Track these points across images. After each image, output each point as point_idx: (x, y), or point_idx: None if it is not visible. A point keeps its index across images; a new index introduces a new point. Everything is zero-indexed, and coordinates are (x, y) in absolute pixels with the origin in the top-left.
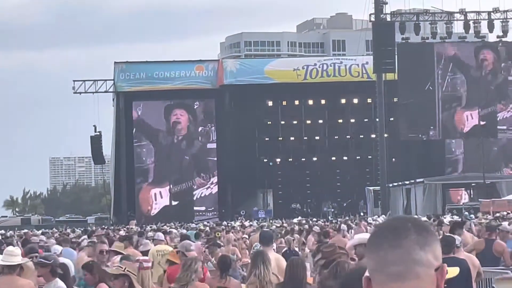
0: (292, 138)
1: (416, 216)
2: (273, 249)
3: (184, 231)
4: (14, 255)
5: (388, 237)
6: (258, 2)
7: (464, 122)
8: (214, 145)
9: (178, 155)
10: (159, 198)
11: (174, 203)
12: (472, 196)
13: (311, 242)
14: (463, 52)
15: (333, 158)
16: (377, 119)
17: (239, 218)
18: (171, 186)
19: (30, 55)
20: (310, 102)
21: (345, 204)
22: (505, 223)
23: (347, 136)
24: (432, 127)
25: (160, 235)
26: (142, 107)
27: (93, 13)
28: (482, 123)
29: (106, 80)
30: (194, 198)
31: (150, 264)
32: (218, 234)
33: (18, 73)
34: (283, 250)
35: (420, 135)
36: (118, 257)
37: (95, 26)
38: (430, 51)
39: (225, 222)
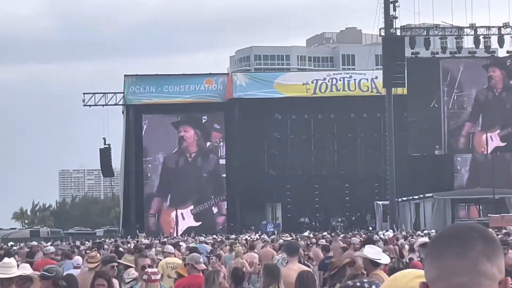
0: (301, 152)
1: (480, 225)
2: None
3: (193, 244)
4: (10, 267)
5: (453, 246)
6: (268, 16)
7: (483, 144)
8: (223, 160)
9: (194, 174)
10: (181, 219)
11: (196, 223)
12: (481, 211)
13: (317, 255)
14: (471, 70)
15: (342, 172)
16: (386, 134)
17: (247, 232)
18: (193, 206)
19: (40, 68)
20: (320, 116)
21: (354, 218)
22: None
23: (356, 151)
24: (437, 146)
25: (170, 248)
26: (148, 123)
27: (103, 26)
28: (502, 144)
29: (116, 93)
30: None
31: (158, 277)
32: (235, 247)
33: (28, 85)
34: None
35: (424, 154)
36: (131, 270)
37: (105, 39)
38: (437, 67)
39: (233, 235)
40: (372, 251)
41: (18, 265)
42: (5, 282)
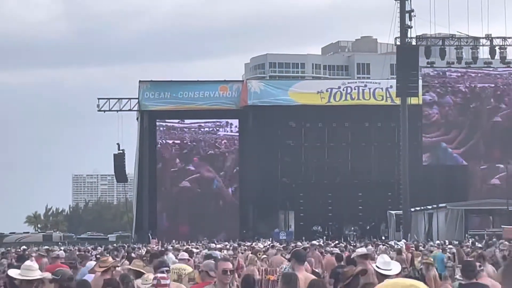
0: (314, 160)
1: None
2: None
3: (206, 251)
4: (32, 269)
5: None
6: (283, 23)
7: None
8: (237, 166)
9: (207, 180)
10: (190, 224)
11: (207, 229)
12: (494, 222)
13: (329, 264)
14: (485, 80)
15: (356, 181)
16: (401, 143)
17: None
18: (205, 212)
19: (54, 73)
20: (334, 124)
21: (368, 227)
22: None
23: (370, 160)
24: (452, 156)
25: (185, 255)
26: (162, 129)
27: (118, 31)
28: None
29: (130, 98)
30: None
31: (168, 282)
32: (259, 254)
33: (42, 90)
34: None
35: (438, 164)
36: (149, 275)
37: (120, 45)
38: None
39: (248, 243)
40: (382, 261)
41: None
42: (24, 283)
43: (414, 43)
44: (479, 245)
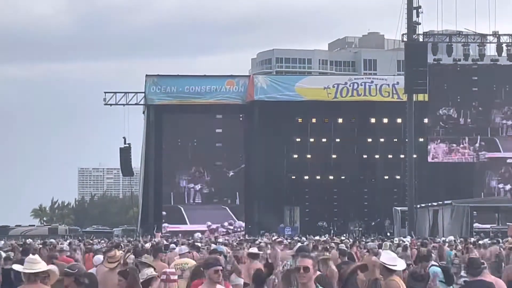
0: (320, 156)
1: None
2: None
3: (213, 245)
4: (36, 262)
5: None
6: (290, 19)
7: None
8: (242, 162)
9: (213, 176)
10: (196, 221)
11: (213, 225)
12: (500, 219)
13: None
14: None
15: (361, 177)
16: (407, 140)
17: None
18: (210, 208)
19: (61, 66)
20: (340, 120)
21: (373, 223)
22: None
23: (376, 156)
24: (458, 153)
25: (184, 248)
26: (168, 123)
27: (125, 24)
28: None
29: (137, 92)
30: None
31: (177, 277)
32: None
33: (49, 83)
34: None
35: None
36: (149, 270)
37: (127, 38)
38: (458, 74)
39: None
40: (388, 257)
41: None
42: (32, 276)
43: (421, 39)
44: (480, 242)
